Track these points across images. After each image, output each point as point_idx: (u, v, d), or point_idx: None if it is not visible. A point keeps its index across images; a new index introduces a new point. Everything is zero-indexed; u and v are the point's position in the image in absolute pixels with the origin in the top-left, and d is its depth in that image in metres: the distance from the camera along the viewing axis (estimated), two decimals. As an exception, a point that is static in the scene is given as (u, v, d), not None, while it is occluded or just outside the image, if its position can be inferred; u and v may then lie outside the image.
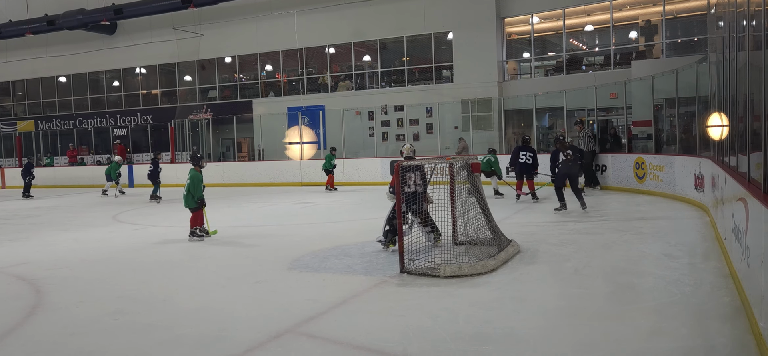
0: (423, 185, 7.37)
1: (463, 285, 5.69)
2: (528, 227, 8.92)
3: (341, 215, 11.80)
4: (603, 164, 14.46)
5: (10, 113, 30.95)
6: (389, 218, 7.48)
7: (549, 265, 6.47)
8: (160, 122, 25.87)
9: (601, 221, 9.51)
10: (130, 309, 5.42)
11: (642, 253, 6.94)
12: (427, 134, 20.54)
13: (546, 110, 19.51)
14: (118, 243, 9.22)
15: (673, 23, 18.67)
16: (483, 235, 6.85)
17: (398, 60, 22.61)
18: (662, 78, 13.49)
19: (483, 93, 20.13)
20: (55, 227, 11.47)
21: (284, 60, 24.32)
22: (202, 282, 6.44)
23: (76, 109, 28.76)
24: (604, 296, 5.38)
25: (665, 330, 4.39)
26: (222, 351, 4.24)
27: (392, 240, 7.38)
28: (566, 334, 4.38)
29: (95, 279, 6.82)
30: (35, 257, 8.11)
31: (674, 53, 18.21)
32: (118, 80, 28.00)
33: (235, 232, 9.96)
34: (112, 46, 26.97)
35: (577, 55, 20.54)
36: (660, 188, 12.11)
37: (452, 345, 4.18)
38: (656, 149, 13.80)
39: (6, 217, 13.56)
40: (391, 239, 7.39)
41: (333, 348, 4.28)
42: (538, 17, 20.43)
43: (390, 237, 7.41)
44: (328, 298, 5.51)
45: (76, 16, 25.31)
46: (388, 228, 7.50)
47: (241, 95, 25.26)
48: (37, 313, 5.42)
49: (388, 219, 7.51)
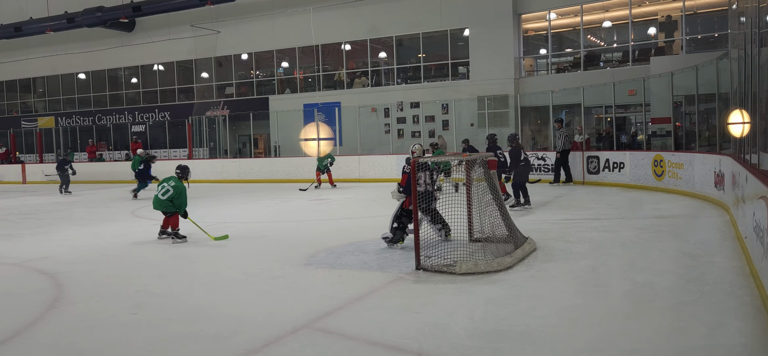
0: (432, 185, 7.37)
1: (479, 282, 5.68)
2: (544, 225, 8.87)
3: (357, 211, 11.82)
4: (621, 161, 14.33)
5: (31, 110, 31.40)
6: (396, 216, 7.49)
7: (566, 263, 6.43)
8: (177, 118, 26.09)
9: (618, 219, 9.43)
10: (148, 304, 5.48)
11: (660, 251, 6.87)
12: (443, 131, 20.48)
13: (563, 107, 19.36)
14: (136, 239, 9.32)
15: (693, 19, 18.43)
16: (499, 232, 6.82)
17: (414, 57, 22.57)
18: (682, 75, 13.33)
19: (499, 90, 20.03)
20: (74, 222, 11.62)
21: (300, 57, 24.39)
22: (219, 277, 6.49)
23: (95, 105, 29.10)
24: (621, 294, 5.34)
25: (684, 328, 4.35)
26: (239, 346, 4.27)
27: (401, 239, 7.39)
28: (583, 332, 4.35)
29: (114, 273, 6.90)
30: (56, 252, 8.23)
31: (694, 49, 17.97)
32: (136, 77, 28.27)
33: (252, 228, 10.02)
34: (130, 43, 27.23)
35: (594, 52, 20.35)
36: (679, 185, 11.98)
37: (468, 342, 4.17)
38: (675, 147, 13.65)
39: (27, 212, 13.77)
40: (400, 238, 7.39)
41: (349, 343, 4.29)
42: (555, 13, 20.27)
43: (399, 235, 7.41)
44: (344, 294, 5.53)
45: (95, 13, 25.59)
46: (396, 226, 7.49)
47: (257, 91, 25.39)
48: (58, 306, 5.50)
49: (395, 217, 7.51)
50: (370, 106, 21.88)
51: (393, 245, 7.39)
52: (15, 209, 14.62)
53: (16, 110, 31.84)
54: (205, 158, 24.35)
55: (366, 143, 21.16)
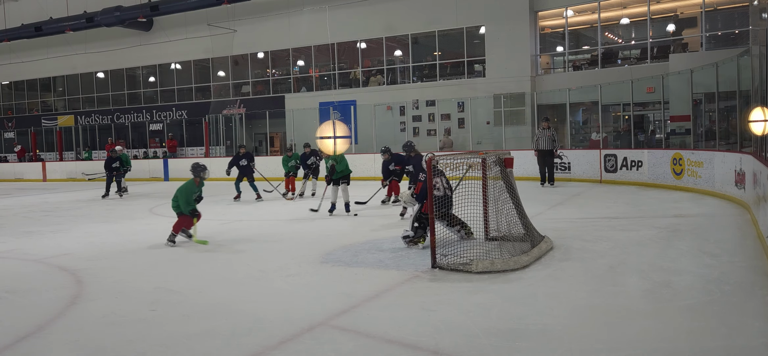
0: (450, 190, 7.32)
1: (496, 281, 5.66)
2: (561, 223, 8.82)
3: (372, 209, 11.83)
4: (639, 159, 14.21)
5: (51, 109, 31.83)
6: (417, 216, 7.46)
7: (583, 262, 6.38)
8: (194, 116, 26.31)
9: (636, 218, 9.34)
10: (166, 300, 5.53)
11: (679, 250, 6.80)
12: (459, 129, 20.43)
13: (580, 105, 19.23)
14: (154, 236, 9.41)
15: (713, 15, 18.20)
16: (516, 231, 6.79)
17: (430, 54, 22.54)
18: (701, 72, 13.17)
19: (516, 88, 19.93)
20: (94, 219, 11.77)
21: (316, 55, 24.46)
22: (236, 275, 6.53)
23: (114, 104, 29.43)
24: (640, 293, 5.29)
25: (704, 329, 4.30)
26: (256, 343, 4.30)
27: (422, 237, 7.37)
28: (601, 332, 4.32)
29: (133, 270, 6.98)
30: (76, 249, 8.34)
31: (714, 46, 17.75)
32: (154, 76, 28.53)
33: (268, 226, 10.08)
34: (148, 42, 27.50)
35: (612, 49, 20.18)
36: (698, 184, 11.84)
37: (485, 340, 4.16)
38: (694, 145, 13.50)
39: (47, 209, 13.97)
40: (421, 236, 7.37)
41: (365, 341, 4.30)
42: (572, 10, 20.12)
43: (419, 234, 7.39)
44: (361, 292, 5.54)
45: (113, 12, 25.88)
46: (417, 225, 7.48)
47: (273, 90, 25.51)
48: (78, 302, 5.58)
49: (416, 218, 7.49)
50: (386, 104, 21.89)
51: (413, 245, 7.37)
52: (36, 206, 14.84)
53: (37, 108, 32.31)
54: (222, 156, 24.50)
55: (381, 141, 21.11)
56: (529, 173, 16.27)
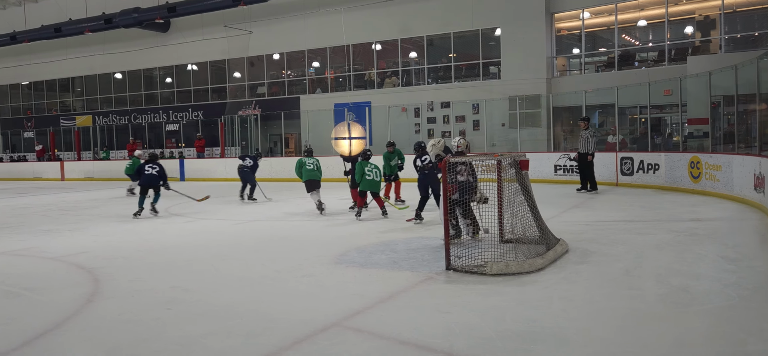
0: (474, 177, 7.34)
1: (510, 283, 5.63)
2: (577, 226, 8.75)
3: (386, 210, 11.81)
4: (656, 162, 14.07)
5: (70, 109, 32.23)
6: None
7: (599, 265, 6.33)
8: (210, 117, 26.50)
9: (653, 221, 9.25)
10: (182, 299, 5.57)
11: (697, 255, 6.72)
12: (474, 131, 20.37)
13: (596, 107, 19.09)
14: (170, 235, 9.49)
15: (732, 17, 17.98)
16: (531, 233, 6.75)
17: (445, 56, 22.50)
18: (720, 74, 13.01)
19: (531, 90, 19.83)
20: (111, 218, 11.88)
21: (331, 56, 24.53)
22: (250, 274, 6.56)
23: (131, 104, 29.73)
24: (656, 298, 5.23)
25: (722, 334, 4.24)
26: (270, 343, 4.31)
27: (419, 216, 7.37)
28: (617, 336, 4.27)
29: (149, 268, 7.04)
30: (93, 247, 8.43)
31: (733, 49, 17.55)
32: (170, 77, 28.78)
33: (283, 226, 10.11)
34: (165, 43, 27.75)
35: (629, 51, 20.01)
36: (716, 188, 11.70)
37: (499, 343, 4.14)
38: (712, 148, 13.33)
39: (65, 208, 14.13)
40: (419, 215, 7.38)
41: (379, 342, 4.30)
42: (588, 12, 19.99)
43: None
44: (374, 293, 5.54)
45: (131, 14, 26.16)
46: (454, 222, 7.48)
47: (288, 91, 25.62)
48: (95, 300, 5.64)
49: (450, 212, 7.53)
50: (401, 106, 21.89)
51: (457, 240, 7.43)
52: (54, 205, 15.03)
53: (56, 109, 32.74)
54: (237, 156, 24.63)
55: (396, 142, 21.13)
56: (543, 175, 16.18)
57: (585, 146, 13.48)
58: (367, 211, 11.02)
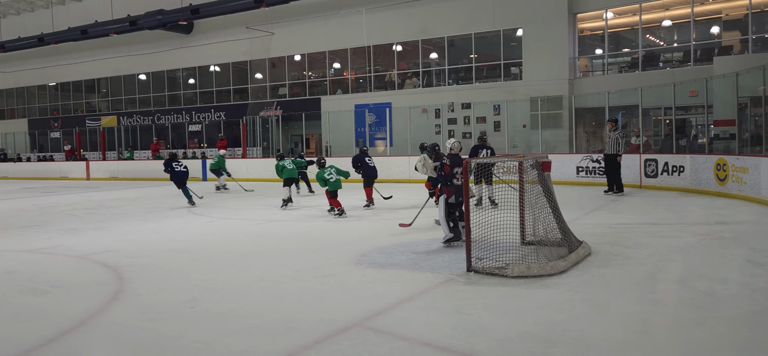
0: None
1: (532, 286, 5.59)
2: (600, 229, 8.66)
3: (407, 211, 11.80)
4: (681, 164, 13.86)
5: (95, 109, 32.76)
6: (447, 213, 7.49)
7: (622, 268, 6.25)
8: (232, 117, 26.74)
9: (678, 224, 9.11)
10: (204, 298, 5.63)
11: (723, 258, 6.60)
12: (495, 132, 20.26)
13: (619, 108, 18.87)
14: (193, 234, 9.59)
15: (760, 17, 17.64)
16: (553, 236, 6.69)
17: (466, 57, 22.42)
18: (747, 75, 12.78)
19: (553, 91, 19.68)
20: (135, 217, 12.04)
21: (352, 57, 24.58)
22: (272, 274, 6.60)
23: (155, 105, 30.11)
24: (681, 302, 5.15)
25: (750, 339, 4.17)
26: (292, 342, 4.33)
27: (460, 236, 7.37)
28: (641, 340, 4.22)
29: (172, 267, 7.12)
30: (117, 246, 8.55)
31: (761, 49, 17.22)
32: (193, 78, 29.10)
33: (303, 226, 10.16)
34: (188, 45, 28.06)
35: (653, 52, 19.74)
36: (743, 191, 11.48)
37: (520, 345, 4.11)
38: (739, 150, 13.09)
39: (90, 207, 14.36)
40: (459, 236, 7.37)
41: (400, 343, 4.30)
42: (612, 12, 19.77)
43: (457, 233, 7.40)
44: (395, 294, 5.54)
45: (156, 16, 26.50)
46: (452, 225, 7.48)
47: (309, 92, 25.73)
48: (120, 298, 5.72)
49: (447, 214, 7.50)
50: (421, 106, 21.86)
51: (457, 243, 7.39)
52: (79, 204, 15.28)
53: (81, 109, 33.29)
54: (259, 157, 24.83)
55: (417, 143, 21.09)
56: (566, 177, 16.04)
57: (614, 148, 13.31)
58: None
